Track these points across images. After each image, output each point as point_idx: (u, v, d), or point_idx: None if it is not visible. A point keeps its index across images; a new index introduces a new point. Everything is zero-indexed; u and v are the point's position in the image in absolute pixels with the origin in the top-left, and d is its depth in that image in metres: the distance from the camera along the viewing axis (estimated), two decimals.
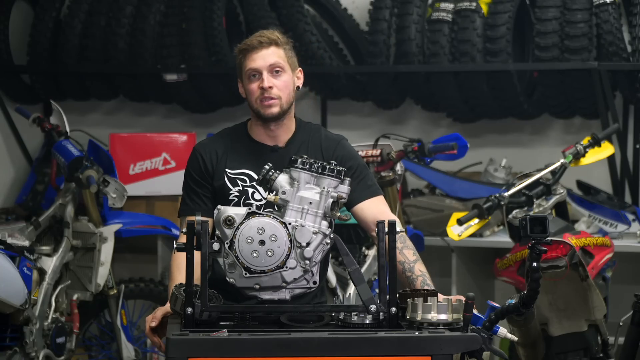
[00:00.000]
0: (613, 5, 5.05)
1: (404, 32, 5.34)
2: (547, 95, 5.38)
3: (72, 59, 5.78)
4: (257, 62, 3.28)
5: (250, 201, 3.32)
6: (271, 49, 3.29)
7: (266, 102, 3.29)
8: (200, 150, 3.38)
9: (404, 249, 3.21)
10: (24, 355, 4.34)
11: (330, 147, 3.38)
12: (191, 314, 2.81)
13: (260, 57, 3.28)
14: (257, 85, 3.29)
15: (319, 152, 3.36)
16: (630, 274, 5.24)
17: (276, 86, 3.28)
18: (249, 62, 3.30)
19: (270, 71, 3.28)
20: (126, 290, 4.91)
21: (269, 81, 3.27)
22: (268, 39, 3.30)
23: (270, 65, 3.28)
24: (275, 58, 3.29)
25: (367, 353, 2.71)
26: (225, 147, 3.37)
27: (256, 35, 3.32)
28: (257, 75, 3.29)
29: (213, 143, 3.41)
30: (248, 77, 3.30)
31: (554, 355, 4.06)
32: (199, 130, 5.87)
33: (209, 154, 3.35)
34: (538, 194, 4.36)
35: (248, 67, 3.30)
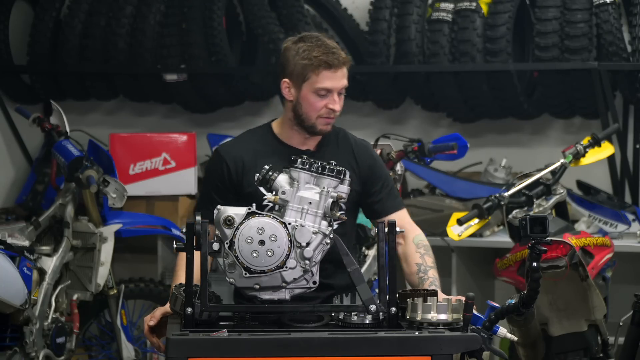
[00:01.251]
0: (613, 5, 5.05)
1: (404, 32, 5.34)
2: (547, 95, 5.38)
3: (72, 59, 5.78)
4: (332, 82, 3.23)
5: None
6: (344, 70, 3.26)
7: (328, 120, 3.27)
8: (225, 157, 3.31)
9: (426, 255, 3.32)
10: (24, 355, 4.34)
11: (362, 153, 3.38)
12: (191, 314, 2.81)
13: (335, 77, 3.23)
14: (324, 103, 3.24)
15: (352, 156, 3.36)
16: (630, 274, 5.24)
17: (340, 106, 3.27)
18: (322, 80, 3.22)
19: (339, 93, 3.26)
20: (126, 290, 4.91)
21: (339, 103, 3.25)
22: (344, 59, 3.24)
23: (341, 88, 3.25)
24: (345, 81, 3.27)
25: (367, 353, 2.71)
26: (253, 151, 3.31)
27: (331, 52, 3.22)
28: (327, 94, 3.24)
29: (238, 148, 3.34)
30: (316, 92, 3.24)
31: (554, 355, 4.06)
32: (199, 130, 5.87)
33: (234, 161, 3.28)
34: (538, 194, 4.36)
35: (321, 85, 3.23)
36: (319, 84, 3.23)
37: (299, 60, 3.23)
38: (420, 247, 3.34)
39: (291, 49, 3.26)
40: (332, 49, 3.24)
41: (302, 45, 3.25)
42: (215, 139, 5.75)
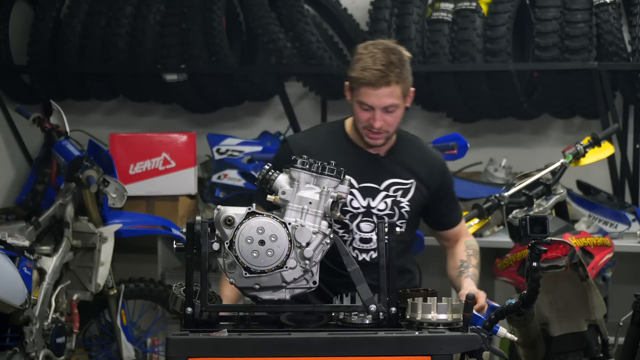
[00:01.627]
0: (613, 5, 5.04)
1: (404, 32, 5.33)
2: (547, 95, 5.38)
3: (72, 59, 5.78)
4: (373, 99, 3.20)
5: (348, 207, 3.31)
6: (390, 88, 3.19)
7: (372, 134, 3.26)
8: (293, 148, 3.31)
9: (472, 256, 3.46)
10: (24, 355, 4.34)
11: (434, 165, 3.40)
12: (191, 314, 2.81)
13: (375, 95, 3.19)
14: (367, 117, 3.23)
15: (422, 167, 3.37)
16: (630, 274, 5.24)
17: (386, 122, 3.24)
18: (363, 95, 3.20)
19: (383, 110, 3.22)
20: (126, 290, 4.90)
21: (381, 121, 3.22)
22: (386, 76, 3.17)
23: (384, 107, 3.22)
24: (391, 100, 3.21)
25: (367, 353, 2.71)
26: (321, 146, 3.32)
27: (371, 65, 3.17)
28: (369, 109, 3.22)
29: (307, 140, 3.35)
30: (360, 104, 3.23)
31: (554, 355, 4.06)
32: (199, 130, 5.87)
33: (303, 152, 3.23)
34: (538, 194, 4.36)
35: (361, 99, 3.21)
36: (360, 98, 3.23)
37: (352, 68, 3.24)
38: (469, 248, 3.48)
39: (356, 54, 3.27)
40: (382, 65, 3.18)
41: (361, 52, 3.25)
42: (215, 139, 5.75)
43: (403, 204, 3.36)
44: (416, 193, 3.34)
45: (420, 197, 3.35)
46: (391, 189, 3.34)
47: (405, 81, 3.24)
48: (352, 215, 3.30)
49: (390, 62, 3.19)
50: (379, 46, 3.24)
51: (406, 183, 3.34)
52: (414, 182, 3.34)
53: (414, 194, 3.35)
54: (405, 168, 3.32)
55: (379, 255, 2.87)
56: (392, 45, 3.26)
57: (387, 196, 3.35)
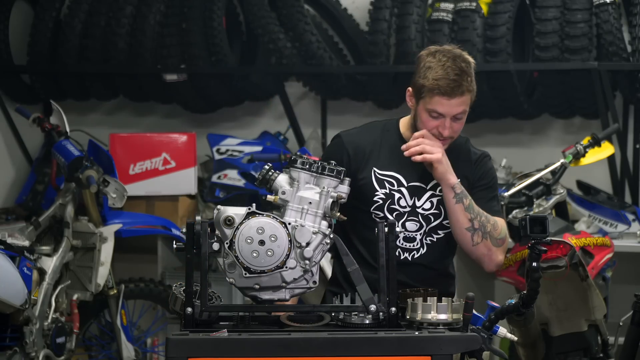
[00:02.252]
0: (613, 5, 5.05)
1: (404, 32, 5.33)
2: (547, 95, 5.38)
3: (72, 59, 5.78)
4: (445, 108, 3.19)
5: (395, 206, 3.30)
6: (463, 98, 3.20)
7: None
8: (347, 144, 3.31)
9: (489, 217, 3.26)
10: (24, 355, 4.34)
11: (482, 165, 3.36)
12: (191, 314, 2.81)
13: (450, 104, 3.19)
14: (435, 125, 3.22)
15: (470, 168, 3.35)
16: (630, 274, 5.23)
17: (453, 130, 3.24)
18: (435, 103, 3.19)
19: (453, 117, 3.22)
20: (126, 290, 4.90)
21: (450, 129, 3.21)
22: (460, 86, 3.17)
23: (454, 115, 3.22)
24: (462, 108, 3.21)
25: (367, 353, 2.71)
26: (374, 143, 3.31)
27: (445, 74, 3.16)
28: (439, 116, 3.21)
29: (361, 137, 3.33)
30: (429, 112, 3.21)
31: (554, 355, 4.06)
32: (199, 130, 5.87)
33: (355, 149, 3.27)
34: (538, 194, 4.36)
35: (432, 107, 3.20)
36: (431, 106, 3.22)
37: (421, 75, 3.23)
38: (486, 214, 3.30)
39: (421, 61, 3.26)
40: (455, 74, 3.18)
41: (430, 60, 3.23)
42: (215, 139, 5.75)
43: None
44: None
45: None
46: (438, 189, 3.30)
47: (473, 91, 3.25)
48: (398, 214, 3.28)
49: (462, 70, 3.20)
50: (447, 54, 3.24)
51: None
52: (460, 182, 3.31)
53: None
54: (454, 167, 3.29)
55: (378, 255, 2.87)
56: (459, 52, 3.26)
57: (433, 195, 3.32)
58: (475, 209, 3.26)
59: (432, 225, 3.31)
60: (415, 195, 3.30)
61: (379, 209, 3.29)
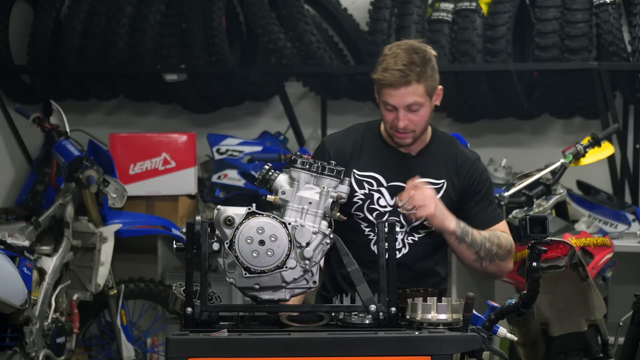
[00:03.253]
0: (613, 5, 5.04)
1: (404, 32, 5.33)
2: (547, 95, 5.38)
3: (72, 59, 5.78)
4: (395, 99, 3.18)
5: (375, 206, 3.29)
6: (411, 87, 3.17)
7: (399, 134, 3.25)
8: (328, 147, 3.32)
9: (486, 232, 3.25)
10: (24, 355, 4.34)
11: (466, 165, 3.33)
12: (191, 314, 2.81)
13: (397, 94, 3.18)
14: (391, 117, 3.22)
15: (453, 167, 3.33)
16: (630, 274, 5.23)
17: (412, 121, 3.21)
18: (385, 95, 3.19)
19: (406, 109, 3.20)
20: (126, 290, 4.90)
21: (405, 120, 3.19)
22: (406, 76, 3.15)
23: (407, 105, 3.19)
24: (414, 98, 3.19)
25: (367, 353, 2.71)
26: (355, 145, 3.31)
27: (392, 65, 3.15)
28: (393, 109, 3.20)
29: (343, 140, 3.34)
30: (384, 105, 3.21)
31: (554, 355, 4.06)
32: (199, 130, 5.87)
33: (337, 152, 3.28)
34: (538, 194, 4.36)
35: (384, 99, 3.20)
36: (383, 98, 3.22)
37: (375, 70, 3.23)
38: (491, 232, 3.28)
39: (380, 55, 3.25)
40: (402, 65, 3.16)
41: (385, 53, 3.23)
42: (215, 139, 5.75)
43: None
44: (447, 192, 3.29)
45: (450, 197, 3.30)
46: None
47: (428, 79, 3.22)
48: (378, 213, 3.28)
49: (411, 61, 3.18)
50: (402, 46, 3.23)
51: (437, 183, 3.29)
52: (445, 182, 3.29)
53: (445, 194, 3.29)
54: (436, 167, 3.28)
55: (378, 256, 2.87)
56: (417, 45, 3.24)
57: None
58: (479, 240, 3.23)
59: (413, 224, 3.30)
60: (396, 194, 3.30)
61: (359, 210, 3.28)
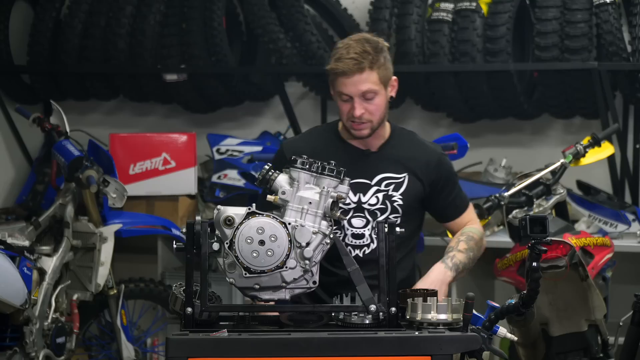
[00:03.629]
0: (613, 5, 5.04)
1: (404, 32, 5.33)
2: (547, 95, 5.38)
3: (72, 59, 5.78)
4: (349, 88, 3.21)
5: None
6: (364, 75, 3.20)
7: (356, 125, 3.26)
8: (286, 152, 3.34)
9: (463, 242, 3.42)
10: (24, 355, 4.34)
11: (431, 161, 3.38)
12: (191, 314, 2.81)
13: (350, 83, 3.20)
14: (348, 107, 3.24)
15: (415, 160, 3.36)
16: (630, 274, 5.24)
17: (368, 110, 3.24)
18: (340, 85, 3.22)
19: (361, 97, 3.22)
20: (126, 290, 4.91)
21: (360, 109, 3.22)
22: (358, 63, 3.18)
23: (362, 93, 3.22)
24: (367, 85, 3.21)
25: (367, 353, 2.71)
26: (314, 148, 3.32)
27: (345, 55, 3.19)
28: (348, 98, 3.23)
29: (300, 142, 3.38)
30: (339, 95, 3.24)
31: (554, 355, 4.06)
32: (199, 130, 5.87)
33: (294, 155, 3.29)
34: (538, 194, 4.36)
35: (339, 89, 3.23)
36: (338, 89, 3.25)
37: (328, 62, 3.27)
38: (464, 234, 3.44)
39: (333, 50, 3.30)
40: (354, 53, 3.19)
41: (337, 46, 3.28)
42: (215, 139, 5.75)
43: (395, 198, 3.35)
44: (410, 186, 3.33)
45: (415, 190, 3.33)
46: (383, 184, 3.35)
47: (381, 67, 3.25)
48: (343, 211, 3.29)
49: (364, 50, 3.21)
50: (354, 38, 3.28)
51: (398, 177, 3.33)
52: (406, 176, 3.33)
53: (407, 188, 3.34)
54: (397, 162, 3.32)
55: (378, 255, 2.87)
56: (369, 36, 3.29)
57: (379, 191, 3.35)
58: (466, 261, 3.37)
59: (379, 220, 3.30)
60: (360, 191, 3.32)
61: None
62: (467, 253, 3.39)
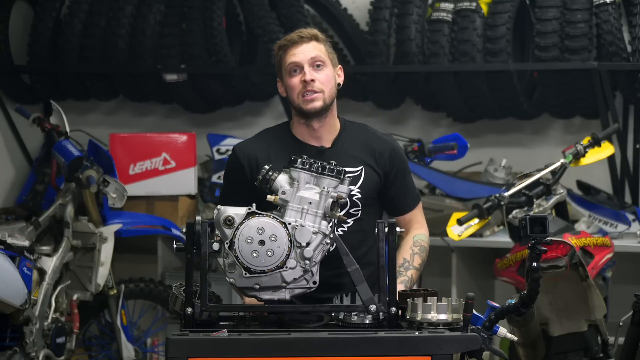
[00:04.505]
0: (613, 5, 5.04)
1: (404, 32, 5.34)
2: (547, 95, 5.38)
3: (72, 59, 5.78)
4: (298, 56, 3.26)
5: None
6: (312, 44, 3.27)
7: (309, 96, 3.25)
8: (239, 156, 3.33)
9: (417, 255, 3.34)
10: (24, 355, 4.34)
11: (385, 151, 3.35)
12: (191, 314, 2.81)
13: (300, 51, 3.26)
14: (298, 79, 3.26)
15: (371, 153, 3.34)
16: (630, 274, 5.24)
17: (318, 80, 3.25)
18: (289, 57, 3.27)
19: (311, 65, 3.25)
20: (126, 290, 4.91)
21: (311, 74, 3.24)
22: (308, 34, 3.28)
23: (311, 59, 3.25)
24: (316, 52, 3.27)
25: (367, 353, 2.71)
26: (268, 150, 3.31)
27: (296, 32, 3.31)
28: (298, 69, 3.26)
29: (253, 146, 3.35)
30: (289, 72, 3.27)
31: (554, 355, 4.07)
32: (199, 130, 5.87)
33: (248, 159, 3.29)
34: (538, 194, 4.36)
35: (289, 62, 3.27)
36: (287, 62, 3.27)
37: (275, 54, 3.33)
38: (416, 245, 3.36)
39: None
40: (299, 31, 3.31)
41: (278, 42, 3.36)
42: (215, 139, 5.75)
43: (354, 192, 3.33)
44: (367, 179, 3.30)
45: (372, 182, 3.30)
46: None
47: (327, 45, 3.33)
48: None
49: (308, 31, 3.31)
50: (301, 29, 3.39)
51: (354, 170, 3.30)
52: (362, 169, 3.31)
53: (365, 180, 3.31)
54: (352, 156, 3.29)
55: (378, 256, 2.87)
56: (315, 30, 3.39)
57: None
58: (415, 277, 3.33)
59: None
60: None
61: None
62: (420, 268, 3.35)
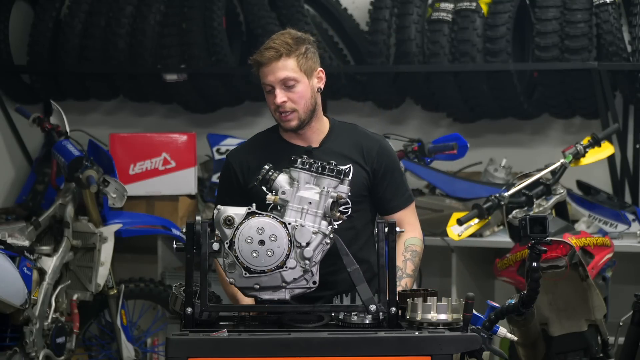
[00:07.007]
0: (613, 5, 5.04)
1: (404, 32, 5.34)
2: (547, 95, 5.38)
3: (72, 59, 5.78)
4: (268, 77, 3.22)
5: None
6: (280, 62, 3.21)
7: (283, 116, 3.25)
8: (232, 162, 3.34)
9: (409, 261, 3.28)
10: (24, 355, 4.34)
11: (373, 148, 3.33)
12: (191, 314, 2.81)
13: (270, 71, 3.22)
14: (272, 99, 3.24)
15: (359, 151, 3.32)
16: (630, 274, 5.24)
17: (290, 99, 3.22)
18: (262, 76, 3.24)
19: (282, 86, 3.22)
20: (126, 290, 4.91)
21: (281, 96, 3.21)
22: (276, 51, 3.21)
23: (281, 81, 3.21)
24: (285, 73, 3.21)
25: (367, 353, 2.71)
26: (257, 152, 3.31)
27: (265, 47, 3.25)
28: (272, 89, 3.23)
29: (245, 151, 3.36)
30: (265, 89, 3.25)
31: (554, 355, 4.07)
32: (199, 130, 5.87)
33: (240, 165, 3.31)
34: (538, 194, 4.36)
35: (262, 81, 3.25)
36: (262, 81, 3.26)
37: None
38: (408, 250, 3.31)
39: None
40: (273, 43, 3.23)
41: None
42: (215, 139, 5.75)
43: None
44: (355, 176, 3.26)
45: (360, 178, 3.28)
46: None
47: (300, 56, 3.23)
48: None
49: (282, 41, 3.23)
50: (278, 32, 3.33)
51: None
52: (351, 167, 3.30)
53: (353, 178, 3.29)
54: (340, 155, 3.28)
55: (378, 256, 2.87)
56: (294, 31, 3.31)
57: None
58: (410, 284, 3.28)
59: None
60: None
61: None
62: (414, 274, 3.32)
